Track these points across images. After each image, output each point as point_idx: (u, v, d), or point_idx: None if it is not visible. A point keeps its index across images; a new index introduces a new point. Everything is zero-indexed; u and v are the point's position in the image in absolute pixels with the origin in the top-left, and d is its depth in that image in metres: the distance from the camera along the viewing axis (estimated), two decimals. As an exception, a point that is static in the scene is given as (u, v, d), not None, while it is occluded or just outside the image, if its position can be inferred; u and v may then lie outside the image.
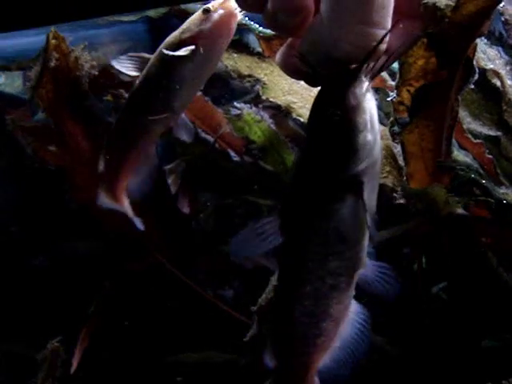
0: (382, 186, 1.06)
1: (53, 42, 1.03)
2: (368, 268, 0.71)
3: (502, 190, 0.83)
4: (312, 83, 0.72)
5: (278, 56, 0.72)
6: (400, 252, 1.22)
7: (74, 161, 1.13)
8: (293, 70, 0.71)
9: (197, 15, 0.95)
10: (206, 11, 0.93)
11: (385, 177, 1.10)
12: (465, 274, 1.11)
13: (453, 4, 0.76)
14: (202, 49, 0.94)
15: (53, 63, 1.03)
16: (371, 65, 0.64)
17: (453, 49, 0.83)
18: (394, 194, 1.02)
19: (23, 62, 1.19)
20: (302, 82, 0.78)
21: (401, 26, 0.69)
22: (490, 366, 1.07)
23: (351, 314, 0.76)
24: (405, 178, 0.98)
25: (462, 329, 1.10)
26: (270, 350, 0.81)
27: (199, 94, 1.23)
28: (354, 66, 0.63)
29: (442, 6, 0.74)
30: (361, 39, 0.60)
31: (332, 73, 0.64)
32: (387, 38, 0.60)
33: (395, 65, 0.96)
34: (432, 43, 0.80)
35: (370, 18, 0.58)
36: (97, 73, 1.06)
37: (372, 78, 0.66)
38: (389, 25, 0.60)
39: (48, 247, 1.38)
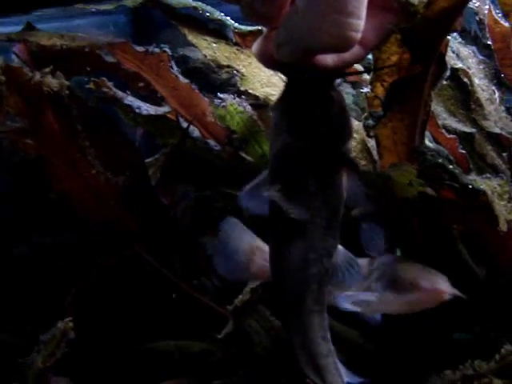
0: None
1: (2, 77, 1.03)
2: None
3: (471, 177, 0.85)
4: (288, 74, 0.74)
5: (254, 46, 0.73)
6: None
7: (50, 152, 1.12)
8: (269, 60, 0.72)
9: None
10: None
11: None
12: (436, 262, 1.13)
13: (425, 0, 0.78)
14: None
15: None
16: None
17: (426, 44, 0.84)
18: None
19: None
20: (280, 75, 0.80)
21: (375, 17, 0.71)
22: (461, 358, 1.09)
23: None
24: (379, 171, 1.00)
25: (435, 320, 1.12)
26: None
27: (186, 81, 1.25)
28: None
29: (415, 2, 0.76)
30: (336, 29, 0.60)
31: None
32: (361, 28, 0.61)
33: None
34: (405, 39, 0.82)
35: (344, 8, 0.59)
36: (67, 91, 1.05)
37: (347, 68, 0.69)
38: (363, 15, 0.61)
39: (29, 237, 1.38)
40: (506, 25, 1.11)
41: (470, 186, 0.83)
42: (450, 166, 0.82)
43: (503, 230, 0.86)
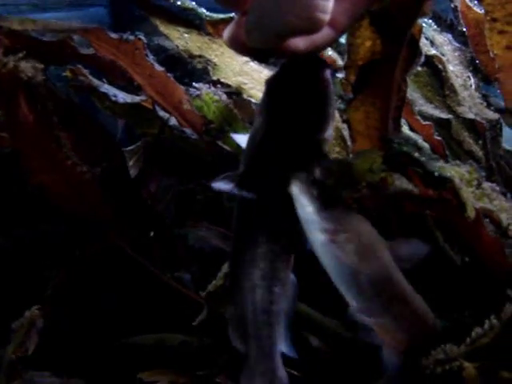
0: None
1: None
2: None
3: (439, 164, 0.85)
4: (260, 59, 0.73)
5: (225, 33, 0.73)
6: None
7: (25, 144, 1.10)
8: (241, 46, 0.72)
9: None
10: None
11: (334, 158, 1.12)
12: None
13: (393, -17, 0.77)
14: None
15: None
16: None
17: (395, 28, 0.83)
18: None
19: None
20: (253, 64, 0.80)
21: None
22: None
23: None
24: (351, 155, 1.00)
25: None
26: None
27: (161, 69, 1.24)
28: None
29: (383, -15, 0.76)
30: (304, 11, 0.61)
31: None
32: (329, 9, 0.61)
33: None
34: (374, 22, 0.81)
35: None
36: (43, 77, 1.02)
37: (318, 51, 0.69)
38: None
39: (7, 229, 1.37)
40: (479, 11, 1.11)
41: (437, 174, 0.82)
42: (416, 154, 0.81)
43: (471, 217, 0.86)
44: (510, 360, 0.79)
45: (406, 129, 1.21)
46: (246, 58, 1.14)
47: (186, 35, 1.17)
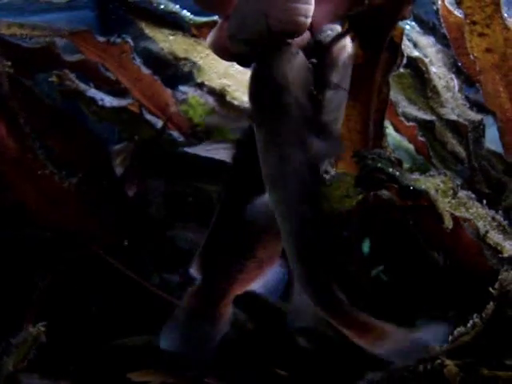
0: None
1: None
2: None
3: (413, 177, 0.86)
4: (242, 63, 0.74)
5: (208, 38, 0.74)
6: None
7: (1, 160, 1.08)
8: (224, 51, 0.73)
9: None
10: None
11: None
12: (399, 256, 1.15)
13: (370, -13, 0.78)
14: None
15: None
16: None
17: (374, 31, 0.85)
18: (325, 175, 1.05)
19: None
20: (237, 66, 0.80)
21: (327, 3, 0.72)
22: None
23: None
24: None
25: (398, 308, 1.14)
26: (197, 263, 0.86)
27: (148, 72, 1.25)
28: None
29: (361, -11, 0.77)
30: (285, 14, 0.62)
31: None
32: (311, 13, 0.63)
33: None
34: (352, 25, 0.82)
35: None
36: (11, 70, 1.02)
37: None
38: (313, 0, 0.62)
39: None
40: (460, 15, 1.12)
41: (411, 188, 0.83)
42: (390, 169, 0.82)
43: (448, 227, 0.87)
44: (490, 358, 0.80)
45: (390, 130, 1.22)
46: (230, 61, 1.15)
47: (171, 37, 1.18)
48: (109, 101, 1.26)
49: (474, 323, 0.79)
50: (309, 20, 0.63)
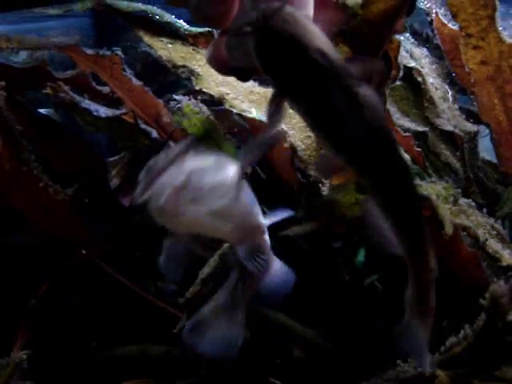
0: (314, 178, 1.11)
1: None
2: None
3: (416, 182, 0.87)
4: (242, 78, 0.74)
5: (206, 53, 0.74)
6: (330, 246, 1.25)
7: None
8: (223, 66, 0.73)
9: None
10: None
11: (315, 169, 1.13)
12: (394, 265, 1.15)
13: (361, 2, 0.79)
14: None
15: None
16: None
17: (367, 45, 0.86)
18: (322, 187, 1.06)
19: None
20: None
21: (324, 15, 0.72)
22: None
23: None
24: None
25: (393, 319, 1.14)
26: None
27: (139, 83, 1.26)
28: None
29: (351, 4, 0.78)
30: None
31: None
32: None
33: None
34: (346, 39, 0.84)
35: (291, 5, 0.60)
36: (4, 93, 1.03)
37: None
38: (311, 11, 0.63)
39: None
40: (454, 27, 1.14)
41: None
42: None
43: (449, 233, 0.88)
44: (481, 369, 0.81)
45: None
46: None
47: (170, 45, 1.19)
48: (104, 111, 1.26)
49: (465, 334, 0.80)
50: None
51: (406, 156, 1.23)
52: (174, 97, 1.24)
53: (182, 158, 0.78)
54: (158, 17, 1.20)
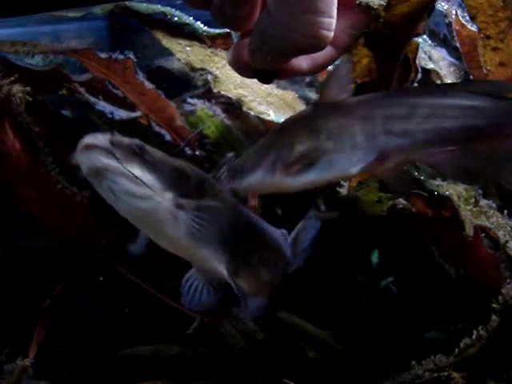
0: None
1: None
2: None
3: (437, 182, 0.87)
4: (264, 80, 0.74)
5: (228, 56, 0.74)
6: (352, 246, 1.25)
7: (15, 173, 1.10)
8: (244, 68, 0.73)
9: None
10: None
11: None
12: (409, 267, 1.15)
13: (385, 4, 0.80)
14: None
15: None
16: None
17: (389, 48, 0.87)
18: (338, 189, 1.06)
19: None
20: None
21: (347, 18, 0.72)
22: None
23: None
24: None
25: (408, 321, 1.14)
26: None
27: (152, 87, 1.27)
28: None
29: (375, 6, 0.78)
30: (309, 28, 0.61)
31: None
32: (334, 26, 0.62)
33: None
34: (368, 42, 0.84)
35: (316, 7, 0.60)
36: (30, 98, 1.03)
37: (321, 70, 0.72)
38: (335, 14, 0.62)
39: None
40: (473, 29, 1.14)
41: (436, 193, 0.85)
42: (416, 173, 0.83)
43: (469, 235, 0.88)
44: (496, 370, 0.81)
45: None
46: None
47: (188, 48, 1.19)
48: (118, 114, 1.27)
49: (479, 335, 0.80)
50: (331, 34, 0.63)
51: None
52: (189, 100, 1.24)
53: None
54: (176, 18, 1.20)
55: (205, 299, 0.82)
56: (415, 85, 0.99)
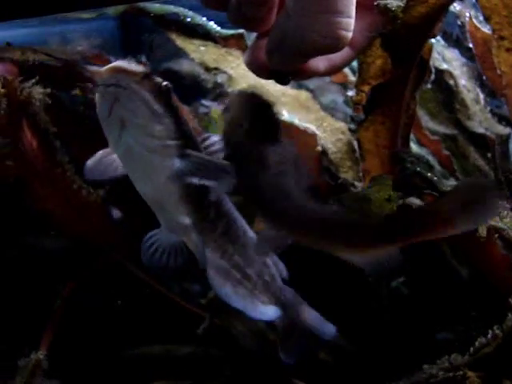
0: (343, 181, 1.11)
1: (1, 90, 1.00)
2: None
3: (450, 182, 0.87)
4: (281, 81, 0.74)
5: (245, 57, 0.74)
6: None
7: (31, 173, 1.10)
8: (261, 69, 0.73)
9: None
10: None
11: (345, 171, 1.14)
12: (421, 268, 1.15)
13: (403, 5, 0.80)
14: None
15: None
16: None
17: (406, 49, 0.87)
18: (353, 189, 1.06)
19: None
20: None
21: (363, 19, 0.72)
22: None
23: None
24: (361, 173, 1.02)
25: (419, 322, 1.14)
26: None
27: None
28: None
29: (394, 7, 0.78)
30: (327, 28, 0.61)
31: None
32: (352, 27, 0.62)
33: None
34: (385, 43, 0.84)
35: (334, 7, 0.60)
36: (49, 101, 1.04)
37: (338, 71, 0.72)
38: (354, 14, 0.62)
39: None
40: (486, 30, 1.14)
41: (448, 193, 0.85)
42: (429, 174, 0.83)
43: (483, 236, 0.88)
44: (512, 369, 0.81)
45: (411, 143, 1.24)
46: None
47: (203, 48, 1.20)
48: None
49: (494, 335, 0.81)
50: (350, 34, 0.63)
51: (430, 159, 1.22)
52: (203, 102, 1.24)
53: None
54: (189, 19, 1.20)
55: (164, 260, 0.83)
56: (429, 86, 1.00)
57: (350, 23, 0.62)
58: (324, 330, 0.88)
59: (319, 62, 0.72)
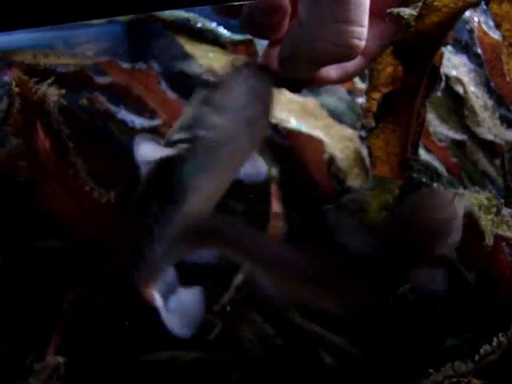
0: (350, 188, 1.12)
1: (16, 89, 1.00)
2: None
3: (458, 191, 0.87)
4: (293, 89, 0.74)
5: None
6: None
7: (43, 173, 1.10)
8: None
9: None
10: None
11: (353, 179, 1.14)
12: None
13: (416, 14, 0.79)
14: None
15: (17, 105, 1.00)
16: None
17: (418, 57, 0.87)
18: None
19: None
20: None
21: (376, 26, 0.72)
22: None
23: None
24: (369, 181, 1.02)
25: (426, 328, 1.14)
26: None
27: (174, 96, 1.29)
28: None
29: (406, 16, 0.78)
30: (340, 37, 0.61)
31: None
32: (365, 35, 0.63)
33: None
34: (397, 51, 0.84)
35: (347, 16, 0.60)
36: (65, 102, 1.04)
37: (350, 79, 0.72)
38: (366, 23, 0.62)
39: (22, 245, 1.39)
40: (495, 36, 1.13)
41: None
42: (435, 184, 0.83)
43: (489, 245, 0.88)
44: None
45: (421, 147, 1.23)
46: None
47: (211, 54, 1.20)
48: (139, 122, 1.28)
49: (499, 342, 0.80)
50: (363, 43, 0.63)
51: (437, 165, 1.22)
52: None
53: None
54: (200, 24, 1.21)
55: None
56: (438, 93, 0.99)
57: (363, 32, 0.62)
58: None
59: (331, 70, 0.72)
